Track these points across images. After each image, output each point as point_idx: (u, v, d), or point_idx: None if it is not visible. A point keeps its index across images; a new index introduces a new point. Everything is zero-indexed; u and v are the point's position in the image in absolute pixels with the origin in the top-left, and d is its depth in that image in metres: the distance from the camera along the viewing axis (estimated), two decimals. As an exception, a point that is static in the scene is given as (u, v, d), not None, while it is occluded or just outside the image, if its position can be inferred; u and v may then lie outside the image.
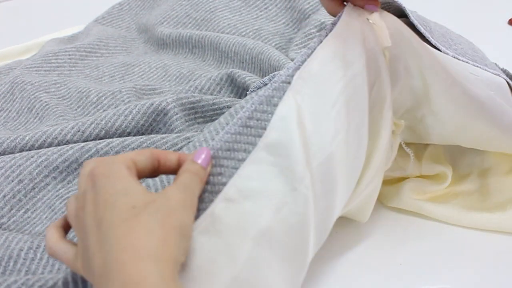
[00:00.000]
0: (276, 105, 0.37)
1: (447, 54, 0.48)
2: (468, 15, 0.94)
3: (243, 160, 0.36)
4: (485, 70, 0.50)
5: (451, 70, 0.43)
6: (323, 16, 0.73)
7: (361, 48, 0.39)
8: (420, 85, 0.44)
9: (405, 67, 0.43)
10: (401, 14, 0.51)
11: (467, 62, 0.49)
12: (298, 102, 0.37)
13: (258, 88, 0.54)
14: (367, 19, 0.40)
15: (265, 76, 0.68)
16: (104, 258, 0.28)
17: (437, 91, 0.43)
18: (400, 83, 0.43)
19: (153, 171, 0.35)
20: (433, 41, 0.47)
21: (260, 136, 0.36)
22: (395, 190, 0.51)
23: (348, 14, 0.40)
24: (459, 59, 0.49)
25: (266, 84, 0.53)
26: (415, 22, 0.46)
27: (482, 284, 0.44)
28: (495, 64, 0.57)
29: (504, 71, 0.59)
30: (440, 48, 0.48)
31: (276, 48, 0.74)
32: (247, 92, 0.55)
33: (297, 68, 0.38)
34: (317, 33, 0.71)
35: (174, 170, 0.35)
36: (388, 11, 0.43)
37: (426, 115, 0.46)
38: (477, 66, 0.50)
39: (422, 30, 0.47)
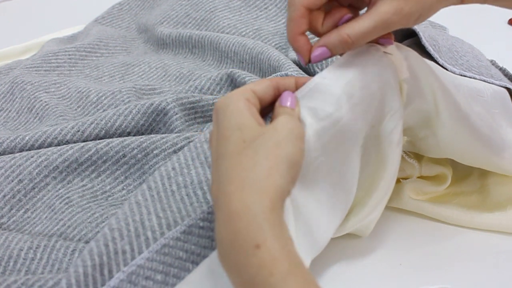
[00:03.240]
0: None
1: (454, 72, 0.50)
2: (468, 15, 0.94)
3: None
4: (491, 83, 0.52)
5: (459, 100, 0.44)
6: (323, 16, 0.73)
7: (366, 81, 0.39)
8: (432, 110, 0.44)
9: (419, 93, 0.43)
10: (408, 33, 0.52)
11: (473, 78, 0.51)
12: None
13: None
14: (384, 52, 0.40)
15: (265, 76, 0.68)
16: (216, 189, 0.32)
17: (446, 118, 0.44)
18: (411, 107, 0.44)
19: (275, 97, 0.37)
20: (440, 61, 0.49)
21: None
22: (395, 190, 0.51)
23: (363, 50, 0.39)
24: (465, 76, 0.50)
25: None
26: (426, 44, 0.47)
27: (482, 284, 0.44)
28: (498, 66, 0.58)
29: (503, 70, 0.60)
30: (447, 68, 0.49)
31: (276, 48, 0.74)
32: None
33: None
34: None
35: (294, 90, 0.37)
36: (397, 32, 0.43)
37: (429, 136, 0.46)
38: (484, 80, 0.51)
39: (432, 51, 0.48)
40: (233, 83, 0.66)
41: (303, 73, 0.65)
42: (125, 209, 0.41)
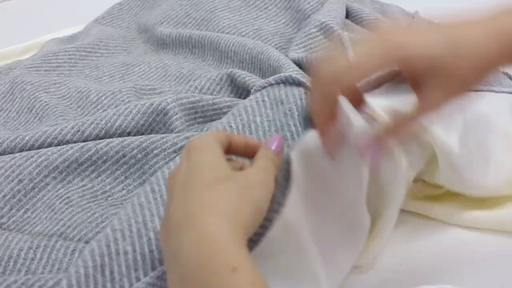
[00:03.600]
0: None
1: None
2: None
3: None
4: (500, 91, 0.53)
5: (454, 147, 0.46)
6: (323, 16, 0.73)
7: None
8: (431, 154, 0.47)
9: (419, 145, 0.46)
10: None
11: (480, 90, 0.52)
12: None
13: (262, 88, 0.53)
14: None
15: (265, 76, 0.68)
16: (184, 213, 0.32)
17: (443, 168, 0.46)
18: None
19: (226, 151, 0.38)
20: None
21: None
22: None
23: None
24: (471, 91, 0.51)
25: (271, 84, 0.53)
26: None
27: (482, 284, 0.44)
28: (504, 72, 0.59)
29: (506, 74, 0.60)
30: None
31: (276, 48, 0.74)
32: (251, 91, 0.55)
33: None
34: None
35: (241, 152, 0.39)
36: None
37: (426, 171, 0.49)
38: (493, 90, 0.52)
39: None
40: (233, 83, 0.66)
41: (303, 73, 0.65)
42: (127, 210, 0.41)
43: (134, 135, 0.57)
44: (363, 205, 0.42)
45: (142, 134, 0.58)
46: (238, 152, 0.39)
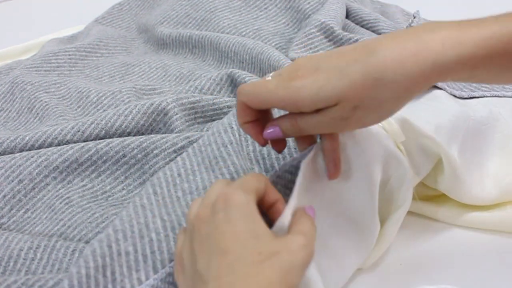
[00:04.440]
0: None
1: (462, 96, 0.52)
2: (468, 15, 0.94)
3: None
4: (503, 96, 0.53)
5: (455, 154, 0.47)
6: (323, 16, 0.73)
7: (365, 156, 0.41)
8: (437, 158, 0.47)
9: (426, 150, 0.46)
10: None
11: (483, 96, 0.53)
12: None
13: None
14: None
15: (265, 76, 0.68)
16: (227, 285, 0.30)
17: (447, 170, 0.47)
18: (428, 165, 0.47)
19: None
20: (449, 90, 0.51)
21: None
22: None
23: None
24: (474, 97, 0.52)
25: None
26: (439, 84, 0.49)
27: (482, 284, 0.44)
28: None
29: None
30: (455, 94, 0.51)
31: (276, 48, 0.74)
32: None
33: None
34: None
35: (269, 206, 0.36)
36: None
37: (430, 175, 0.49)
38: (495, 95, 0.53)
39: (439, 84, 0.50)
40: (233, 83, 0.66)
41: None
42: (129, 210, 0.41)
43: (134, 135, 0.57)
44: (375, 214, 0.42)
45: (142, 134, 0.58)
46: (267, 206, 0.37)
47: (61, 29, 0.94)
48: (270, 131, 0.38)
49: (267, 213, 0.37)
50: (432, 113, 0.47)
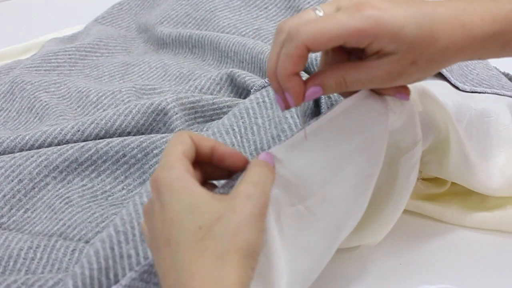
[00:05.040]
0: None
1: (465, 89, 0.51)
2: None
3: None
4: (503, 94, 0.53)
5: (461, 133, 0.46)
6: (323, 16, 0.73)
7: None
8: (444, 141, 0.46)
9: (432, 123, 0.45)
10: None
11: (484, 92, 0.53)
12: None
13: (262, 87, 0.54)
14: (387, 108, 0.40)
15: (265, 75, 0.68)
16: (174, 280, 0.29)
17: (454, 149, 0.45)
18: (429, 140, 0.46)
19: (210, 156, 0.34)
20: (453, 81, 0.51)
21: None
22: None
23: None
24: (476, 91, 0.52)
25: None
26: (444, 73, 0.49)
27: (482, 284, 0.44)
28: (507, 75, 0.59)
29: (507, 75, 0.60)
30: (458, 86, 0.51)
31: (276, 48, 0.74)
32: (251, 91, 0.55)
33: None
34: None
35: (208, 157, 0.34)
36: None
37: (433, 161, 0.48)
38: (495, 92, 0.53)
39: (445, 72, 0.50)
40: (233, 83, 0.66)
41: (303, 72, 0.65)
42: (130, 210, 0.41)
43: (134, 135, 0.57)
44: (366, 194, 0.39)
45: (142, 134, 0.58)
46: (204, 157, 0.34)
47: (61, 29, 0.94)
48: (315, 90, 0.34)
49: (213, 163, 0.34)
50: (439, 93, 0.46)
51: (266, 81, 0.53)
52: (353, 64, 0.34)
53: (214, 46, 0.75)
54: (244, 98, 0.64)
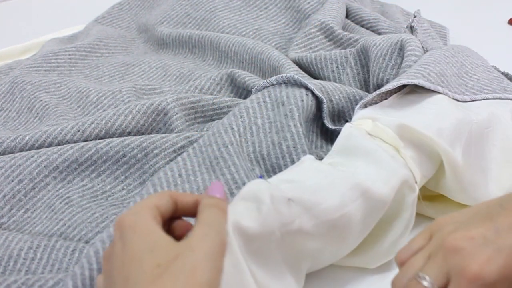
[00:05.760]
0: None
1: (465, 100, 0.51)
2: (468, 15, 0.94)
3: None
4: (505, 98, 0.53)
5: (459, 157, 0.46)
6: (323, 15, 0.73)
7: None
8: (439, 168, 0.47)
9: (428, 150, 0.46)
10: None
11: (486, 99, 0.53)
12: None
13: (263, 88, 0.53)
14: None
15: (265, 76, 0.68)
16: None
17: (449, 174, 0.46)
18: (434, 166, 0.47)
19: (173, 213, 0.35)
20: (451, 95, 0.50)
21: None
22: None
23: None
24: (477, 99, 0.52)
25: (272, 84, 0.53)
26: (432, 87, 0.49)
27: (482, 284, 0.44)
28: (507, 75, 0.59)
29: (506, 75, 0.60)
30: (458, 99, 0.51)
31: (276, 48, 0.74)
32: (252, 90, 0.55)
33: None
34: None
35: (191, 212, 0.35)
36: None
37: (431, 179, 0.48)
38: (497, 97, 0.53)
39: (441, 90, 0.49)
40: (233, 83, 0.66)
41: (303, 72, 0.65)
42: None
43: (134, 135, 0.57)
44: None
45: (142, 134, 0.58)
46: (187, 213, 0.35)
47: (61, 29, 0.94)
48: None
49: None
50: (435, 116, 0.46)
51: (268, 81, 0.53)
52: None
53: (214, 46, 0.75)
54: (244, 98, 0.64)
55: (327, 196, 0.39)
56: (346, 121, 0.52)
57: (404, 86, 0.50)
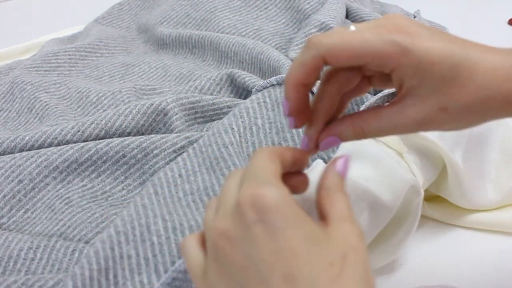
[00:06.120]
0: None
1: None
2: (468, 15, 0.94)
3: None
4: None
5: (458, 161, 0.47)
6: (323, 16, 0.73)
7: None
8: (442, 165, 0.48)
9: (430, 154, 0.47)
10: None
11: None
12: None
13: (263, 88, 0.53)
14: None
15: (265, 76, 0.68)
16: None
17: (451, 179, 0.47)
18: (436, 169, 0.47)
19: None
20: None
21: None
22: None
23: None
24: None
25: (272, 84, 0.53)
26: None
27: (482, 284, 0.44)
28: None
29: None
30: None
31: (276, 48, 0.74)
32: (252, 91, 0.55)
33: None
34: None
35: (288, 169, 0.30)
36: None
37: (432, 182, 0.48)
38: None
39: None
40: (233, 83, 0.66)
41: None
42: (131, 210, 0.41)
43: (134, 135, 0.57)
44: None
45: (142, 134, 0.58)
46: (285, 170, 0.30)
47: (61, 29, 0.94)
48: (331, 140, 0.32)
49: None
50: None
51: (268, 81, 0.53)
52: (372, 113, 0.31)
53: (214, 47, 0.75)
54: (244, 98, 0.64)
55: None
56: None
57: None
